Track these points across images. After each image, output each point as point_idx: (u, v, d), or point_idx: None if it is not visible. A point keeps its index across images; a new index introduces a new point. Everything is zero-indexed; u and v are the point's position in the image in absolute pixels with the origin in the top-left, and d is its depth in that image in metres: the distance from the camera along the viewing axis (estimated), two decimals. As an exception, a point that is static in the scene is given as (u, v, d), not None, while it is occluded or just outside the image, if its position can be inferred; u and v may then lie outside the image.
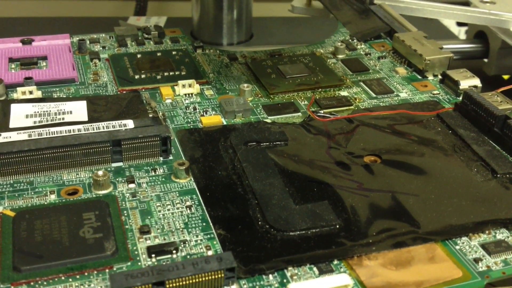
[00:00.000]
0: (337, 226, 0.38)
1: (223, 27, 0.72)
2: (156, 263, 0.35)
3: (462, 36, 0.88)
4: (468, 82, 0.54)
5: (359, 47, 0.63)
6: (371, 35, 0.64)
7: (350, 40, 0.64)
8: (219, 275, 0.33)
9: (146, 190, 0.41)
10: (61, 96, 0.51)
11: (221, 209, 0.40)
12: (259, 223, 0.38)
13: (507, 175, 0.43)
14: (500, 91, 0.51)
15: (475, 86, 0.54)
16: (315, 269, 0.35)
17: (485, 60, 0.73)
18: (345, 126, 0.49)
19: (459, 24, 0.89)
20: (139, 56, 0.59)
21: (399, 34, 0.61)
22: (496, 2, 0.69)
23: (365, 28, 0.65)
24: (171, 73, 0.55)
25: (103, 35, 0.63)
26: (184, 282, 0.32)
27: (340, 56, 0.61)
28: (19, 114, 0.47)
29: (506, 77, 0.73)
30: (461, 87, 0.53)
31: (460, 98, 0.52)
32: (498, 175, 0.43)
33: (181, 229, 0.38)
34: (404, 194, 0.41)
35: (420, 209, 0.40)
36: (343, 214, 0.39)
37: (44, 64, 0.56)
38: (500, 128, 0.46)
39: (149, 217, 0.38)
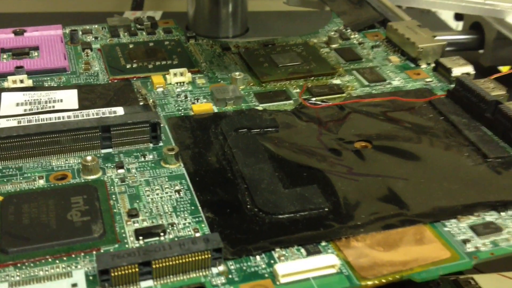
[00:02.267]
0: (326, 209, 0.38)
1: (218, 21, 0.71)
2: (143, 245, 0.35)
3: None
4: (461, 69, 0.54)
5: (352, 36, 0.63)
6: (365, 24, 0.64)
7: (344, 30, 0.64)
8: (206, 256, 0.33)
9: (135, 175, 0.41)
10: (52, 85, 0.51)
11: (210, 193, 0.39)
12: (248, 206, 0.38)
13: (498, 159, 0.43)
14: (493, 78, 0.51)
15: (468, 73, 0.53)
16: (302, 250, 0.35)
17: (481, 51, 0.73)
18: (336, 113, 0.49)
19: (457, 18, 0.89)
20: (131, 46, 0.58)
21: (392, 23, 0.61)
22: (491, -7, 0.69)
23: (359, 18, 0.65)
24: (163, 63, 0.55)
25: (96, 26, 0.63)
26: (170, 263, 0.32)
27: (334, 46, 0.61)
28: (9, 103, 0.47)
29: (505, 68, 0.72)
30: (453, 74, 0.53)
31: (453, 86, 0.52)
32: (489, 159, 0.43)
33: (169, 213, 0.37)
34: (394, 178, 0.41)
35: (409, 192, 0.40)
36: (332, 198, 0.39)
37: (36, 54, 0.56)
38: (492, 113, 0.46)
39: (137, 201, 0.38)
